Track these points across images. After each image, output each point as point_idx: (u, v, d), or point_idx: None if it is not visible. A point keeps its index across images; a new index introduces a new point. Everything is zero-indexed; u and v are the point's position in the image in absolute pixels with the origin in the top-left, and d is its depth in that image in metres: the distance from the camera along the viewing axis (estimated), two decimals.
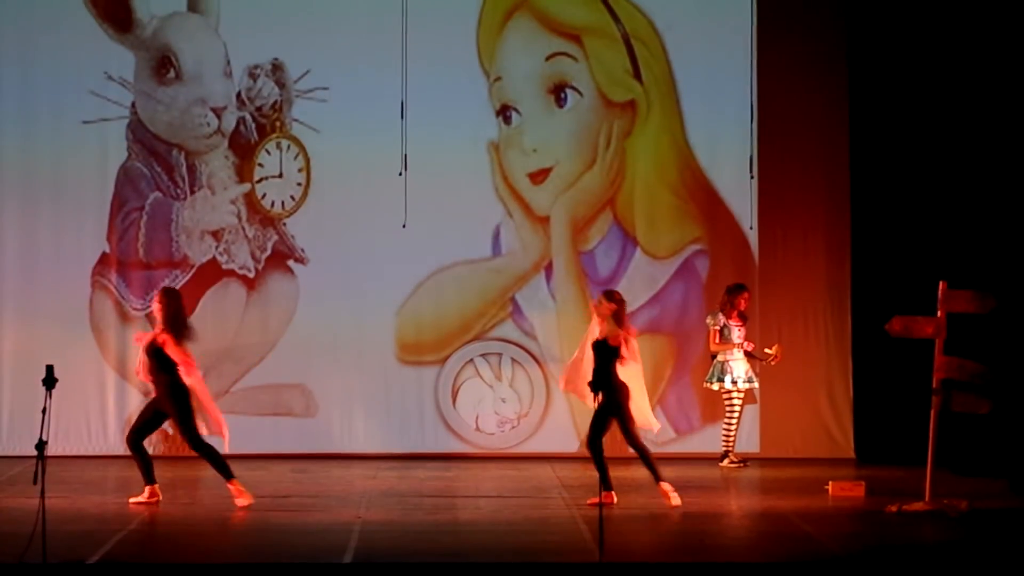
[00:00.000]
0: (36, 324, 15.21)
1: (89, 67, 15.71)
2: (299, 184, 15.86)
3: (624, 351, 12.55)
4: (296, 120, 15.87)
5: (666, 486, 12.61)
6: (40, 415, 10.09)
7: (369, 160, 15.75)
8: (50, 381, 10.31)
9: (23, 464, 14.12)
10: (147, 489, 12.58)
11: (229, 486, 12.53)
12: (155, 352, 12.47)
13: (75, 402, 15.24)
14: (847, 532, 11.62)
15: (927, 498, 12.26)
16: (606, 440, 12.64)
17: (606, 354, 12.54)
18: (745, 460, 15.13)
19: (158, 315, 12.65)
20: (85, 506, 12.38)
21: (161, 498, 12.58)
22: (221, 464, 12.54)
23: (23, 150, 15.63)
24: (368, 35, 15.76)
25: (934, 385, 12.32)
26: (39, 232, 15.61)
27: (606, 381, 12.39)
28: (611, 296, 12.83)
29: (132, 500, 12.56)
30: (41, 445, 10.05)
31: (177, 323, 12.59)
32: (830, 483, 13.27)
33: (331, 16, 15.80)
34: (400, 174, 15.69)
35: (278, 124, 15.87)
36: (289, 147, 15.87)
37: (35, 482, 9.96)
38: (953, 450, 13.37)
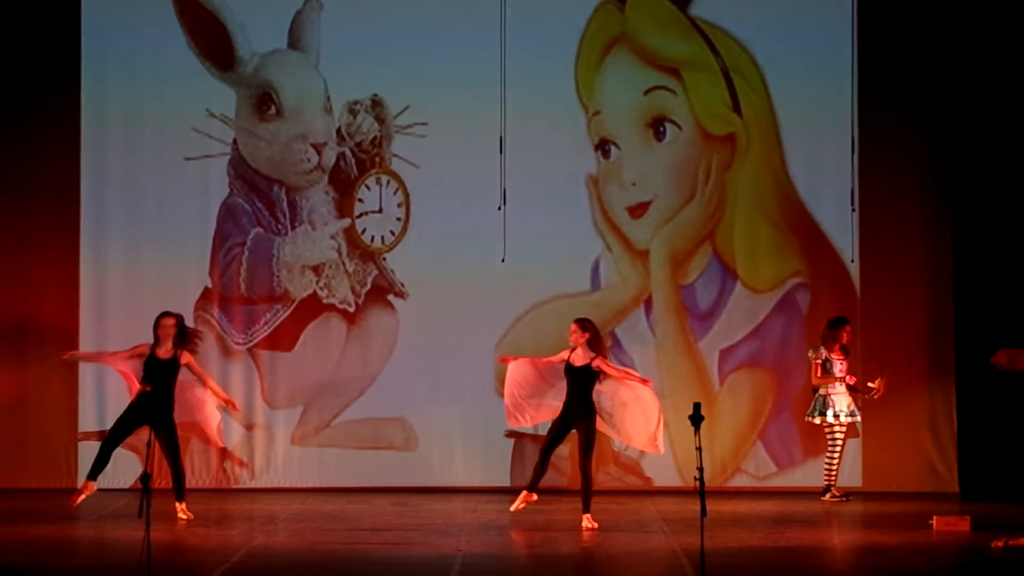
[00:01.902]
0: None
1: (191, 104, 15.88)
2: (398, 219, 15.94)
3: (609, 372, 13.37)
4: (395, 155, 15.95)
5: (587, 519, 13.09)
6: (145, 448, 10.18)
7: (468, 194, 15.80)
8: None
9: (128, 497, 14.31)
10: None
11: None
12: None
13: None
14: (952, 567, 11.50)
15: None
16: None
17: (587, 379, 13.22)
18: (847, 494, 15.01)
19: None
20: (189, 538, 12.47)
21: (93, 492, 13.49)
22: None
23: (127, 187, 15.81)
24: (467, 70, 15.82)
25: None
26: (143, 267, 15.76)
27: (588, 404, 13.23)
28: (584, 325, 13.38)
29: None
30: (146, 478, 10.15)
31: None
32: (934, 518, 13.11)
33: (430, 52, 15.87)
34: (499, 208, 15.72)
35: (378, 159, 15.96)
36: (388, 182, 15.95)
37: (140, 515, 10.07)
38: None
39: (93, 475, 13.58)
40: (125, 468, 15.22)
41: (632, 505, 14.63)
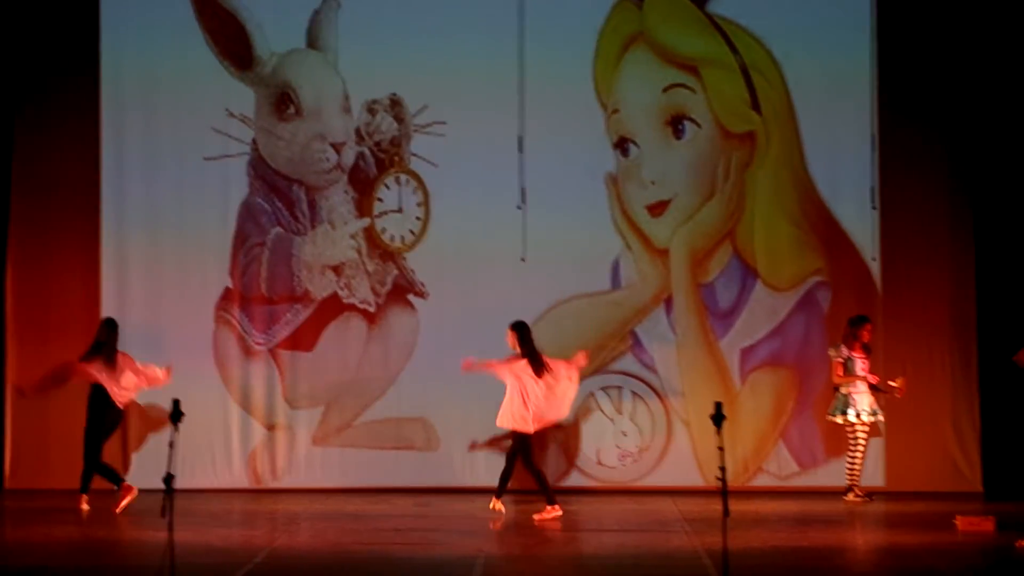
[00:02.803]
0: (162, 359, 15.34)
1: (210, 104, 15.89)
2: (418, 218, 15.93)
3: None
4: (414, 155, 15.94)
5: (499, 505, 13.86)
6: (167, 448, 10.18)
7: (487, 194, 15.79)
8: (177, 415, 10.42)
9: (151, 498, 14.28)
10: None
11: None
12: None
13: (200, 436, 15.37)
14: (976, 567, 11.45)
15: None
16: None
17: None
18: (870, 494, 14.97)
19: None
20: (212, 539, 12.47)
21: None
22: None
23: (147, 187, 15.83)
24: (485, 69, 15.81)
25: None
26: (164, 268, 15.79)
27: None
28: (512, 327, 14.09)
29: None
30: (169, 479, 10.14)
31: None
32: (958, 517, 13.07)
33: (448, 51, 15.86)
34: (518, 207, 15.72)
35: (397, 159, 15.95)
36: (408, 181, 15.94)
37: (163, 515, 10.07)
38: None
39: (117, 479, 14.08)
40: (147, 469, 15.25)
41: (654, 505, 14.61)
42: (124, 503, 14.01)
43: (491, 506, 13.91)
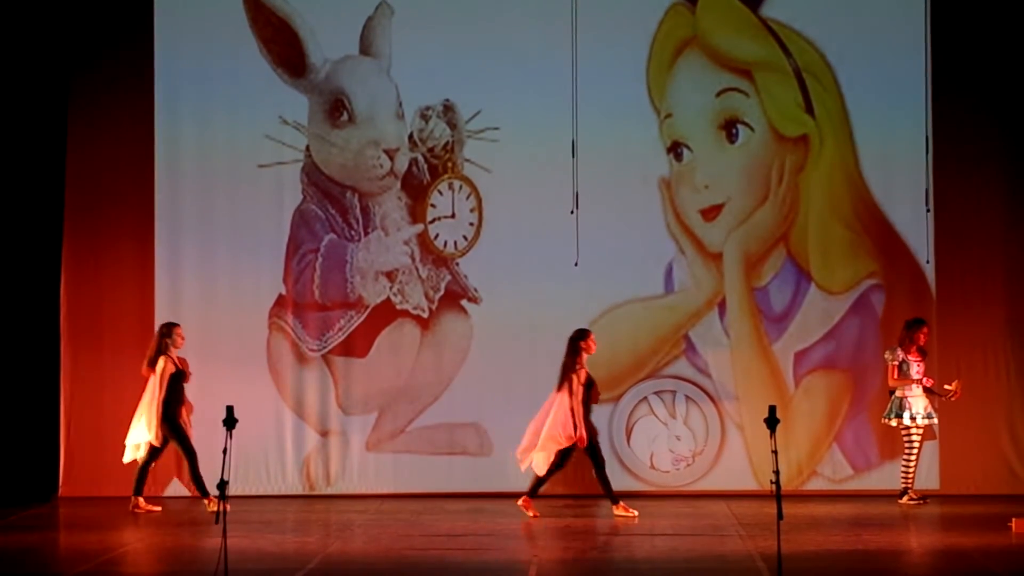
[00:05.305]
0: (216, 365, 15.44)
1: (264, 112, 15.95)
2: (471, 224, 15.95)
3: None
4: (468, 160, 15.97)
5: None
6: (221, 455, 10.24)
7: (540, 199, 15.80)
8: (231, 421, 10.48)
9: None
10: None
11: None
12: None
13: (254, 442, 15.44)
14: None
15: None
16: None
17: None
18: (925, 497, 14.90)
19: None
20: (265, 545, 12.52)
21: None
22: None
23: (201, 194, 15.90)
24: (538, 74, 15.82)
25: None
26: (217, 275, 15.86)
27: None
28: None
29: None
30: (223, 485, 10.20)
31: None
32: (1013, 520, 12.99)
33: (501, 56, 15.88)
34: (572, 212, 15.72)
35: (450, 165, 15.98)
36: (461, 187, 15.97)
37: (217, 521, 10.13)
38: None
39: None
40: (203, 474, 15.32)
41: (708, 509, 14.58)
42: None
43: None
